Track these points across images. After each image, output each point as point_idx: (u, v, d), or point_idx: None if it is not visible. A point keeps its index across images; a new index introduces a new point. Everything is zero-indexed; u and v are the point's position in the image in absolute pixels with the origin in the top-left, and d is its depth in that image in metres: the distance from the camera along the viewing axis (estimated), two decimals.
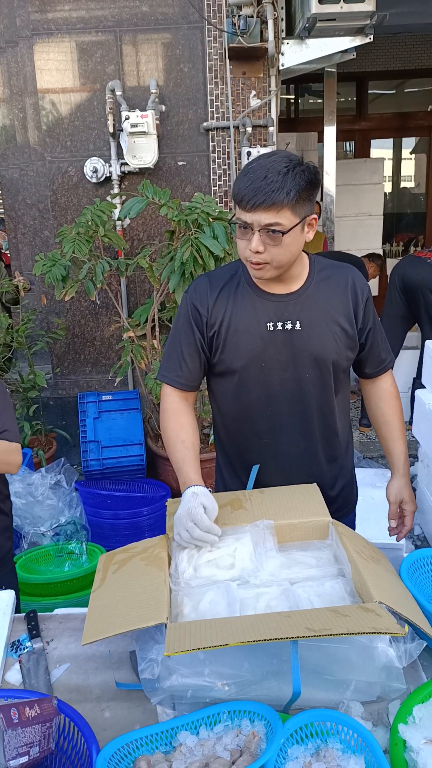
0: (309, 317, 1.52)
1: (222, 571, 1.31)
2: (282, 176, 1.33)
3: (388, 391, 1.74)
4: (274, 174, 1.33)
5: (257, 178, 1.34)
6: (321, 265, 1.57)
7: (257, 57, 3.67)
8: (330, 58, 3.99)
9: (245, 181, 1.36)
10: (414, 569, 1.38)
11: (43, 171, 3.93)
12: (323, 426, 1.62)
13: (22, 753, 0.92)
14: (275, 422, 1.59)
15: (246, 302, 1.52)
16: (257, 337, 1.52)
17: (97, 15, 3.74)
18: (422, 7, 4.55)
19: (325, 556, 1.38)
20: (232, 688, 1.05)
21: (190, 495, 1.40)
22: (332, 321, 1.53)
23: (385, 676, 1.07)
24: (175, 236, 3.23)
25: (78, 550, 2.86)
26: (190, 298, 1.58)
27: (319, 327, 1.52)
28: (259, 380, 1.55)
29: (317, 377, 1.55)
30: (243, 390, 1.58)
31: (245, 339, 1.52)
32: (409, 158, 8.42)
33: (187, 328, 1.56)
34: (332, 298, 1.54)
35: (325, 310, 1.53)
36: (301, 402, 1.57)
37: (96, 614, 1.19)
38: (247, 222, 1.38)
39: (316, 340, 1.52)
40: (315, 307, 1.52)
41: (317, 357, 1.53)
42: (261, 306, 1.52)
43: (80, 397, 3.87)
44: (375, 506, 3.03)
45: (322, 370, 1.55)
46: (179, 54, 3.78)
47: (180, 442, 1.55)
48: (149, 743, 1.01)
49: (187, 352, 1.57)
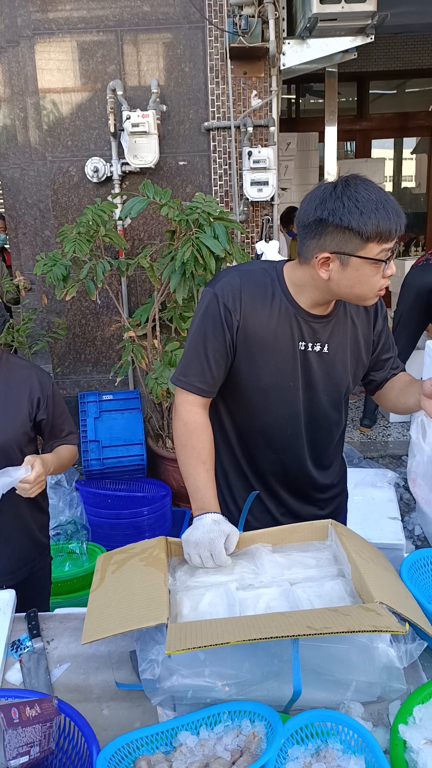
0: (336, 341, 1.49)
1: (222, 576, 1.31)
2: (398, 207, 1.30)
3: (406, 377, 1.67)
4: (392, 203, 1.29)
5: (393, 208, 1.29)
6: None
7: (258, 57, 3.67)
8: (331, 58, 3.99)
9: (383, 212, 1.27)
10: (414, 569, 1.38)
11: (44, 171, 3.93)
12: (328, 442, 1.61)
13: (22, 753, 0.92)
14: (293, 441, 1.55)
15: (282, 316, 1.43)
16: (289, 356, 1.45)
17: (98, 15, 3.74)
18: (423, 7, 4.55)
19: (324, 556, 1.38)
20: (233, 688, 1.05)
21: (210, 522, 1.34)
22: (355, 345, 1.52)
23: (385, 676, 1.07)
24: (175, 236, 3.23)
25: (78, 550, 2.87)
26: (220, 296, 1.42)
27: (343, 351, 1.50)
28: (287, 399, 1.49)
29: (333, 401, 1.54)
30: (267, 407, 1.50)
31: (278, 356, 1.45)
32: (410, 158, 8.43)
33: (217, 329, 1.42)
34: (357, 321, 1.52)
35: (351, 333, 1.51)
36: (314, 423, 1.55)
37: (95, 614, 1.19)
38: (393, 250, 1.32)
39: (340, 364, 1.50)
40: (341, 331, 1.50)
41: (337, 382, 1.52)
42: (296, 324, 1.44)
43: (81, 397, 3.87)
44: (375, 506, 3.04)
45: (339, 394, 1.54)
46: (180, 54, 3.78)
47: (201, 463, 1.45)
48: (149, 743, 1.01)
49: (214, 357, 1.43)
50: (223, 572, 1.32)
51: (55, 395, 1.75)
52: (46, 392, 1.70)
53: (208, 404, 1.52)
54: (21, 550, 1.75)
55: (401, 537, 2.80)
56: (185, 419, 1.47)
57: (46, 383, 1.71)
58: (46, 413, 1.70)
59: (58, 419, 1.76)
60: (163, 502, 3.31)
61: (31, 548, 1.78)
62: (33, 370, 1.72)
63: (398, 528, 2.86)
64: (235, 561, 1.36)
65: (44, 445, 1.76)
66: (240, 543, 1.41)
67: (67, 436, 1.81)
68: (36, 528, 1.79)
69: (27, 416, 1.66)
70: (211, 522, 1.34)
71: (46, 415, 1.70)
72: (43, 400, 1.69)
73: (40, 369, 1.76)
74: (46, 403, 1.69)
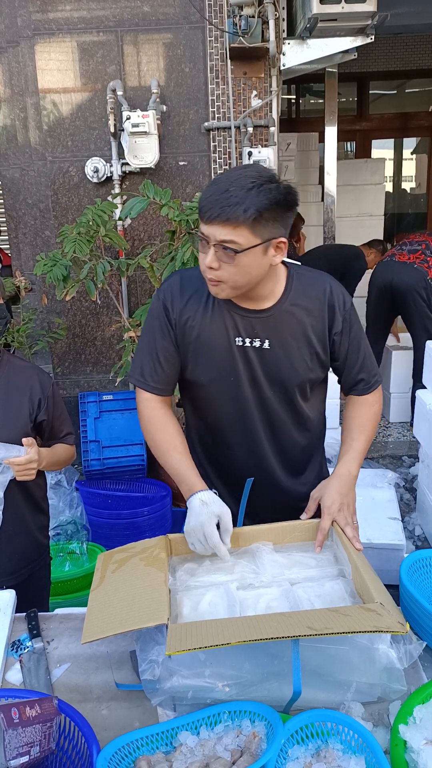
0: (279, 337, 1.45)
1: (222, 575, 1.31)
2: (244, 192, 1.24)
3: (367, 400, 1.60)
4: (237, 188, 1.24)
5: (219, 190, 1.26)
6: (300, 282, 1.48)
7: (258, 57, 3.67)
8: (331, 59, 3.99)
9: (208, 191, 1.28)
10: (414, 569, 1.38)
11: (44, 171, 3.93)
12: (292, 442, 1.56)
13: (22, 753, 0.92)
14: (246, 436, 1.54)
15: (216, 313, 1.45)
16: (226, 351, 1.46)
17: (98, 15, 3.74)
18: (423, 7, 4.55)
19: (325, 556, 1.38)
20: (233, 689, 1.05)
21: (198, 504, 1.36)
22: (304, 342, 1.47)
23: (386, 677, 1.07)
24: (175, 236, 3.23)
25: (78, 550, 2.87)
26: (162, 297, 1.49)
27: (290, 347, 1.46)
28: (229, 394, 1.50)
29: (281, 397, 1.50)
30: (212, 402, 1.53)
31: (214, 352, 1.46)
32: (410, 159, 8.42)
33: (162, 328, 1.48)
34: (306, 318, 1.46)
35: (297, 330, 1.46)
36: (268, 420, 1.52)
37: (95, 613, 1.19)
38: (205, 235, 1.30)
39: (286, 361, 1.46)
40: (287, 327, 1.45)
41: (283, 378, 1.48)
42: (231, 320, 1.44)
43: (81, 397, 3.87)
44: (375, 506, 3.04)
45: (288, 390, 1.50)
46: (180, 54, 3.78)
47: (173, 449, 1.50)
48: (150, 743, 1.01)
49: (163, 356, 1.49)
50: (223, 572, 1.32)
51: (56, 396, 1.75)
52: (46, 393, 1.70)
53: (168, 401, 1.57)
54: (21, 550, 1.75)
55: (401, 537, 2.80)
56: (147, 417, 1.55)
57: (46, 384, 1.71)
58: (46, 414, 1.71)
59: (57, 420, 1.77)
60: (164, 503, 3.30)
61: (30, 549, 1.78)
62: (34, 371, 1.73)
63: (398, 528, 2.86)
64: (235, 560, 1.36)
65: (42, 445, 1.77)
66: (240, 540, 1.41)
67: (65, 436, 1.82)
68: (36, 529, 1.79)
69: (27, 417, 1.67)
70: (200, 504, 1.36)
71: (46, 416, 1.71)
72: (44, 401, 1.69)
73: (41, 370, 1.76)
74: (46, 404, 1.70)
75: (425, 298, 4.09)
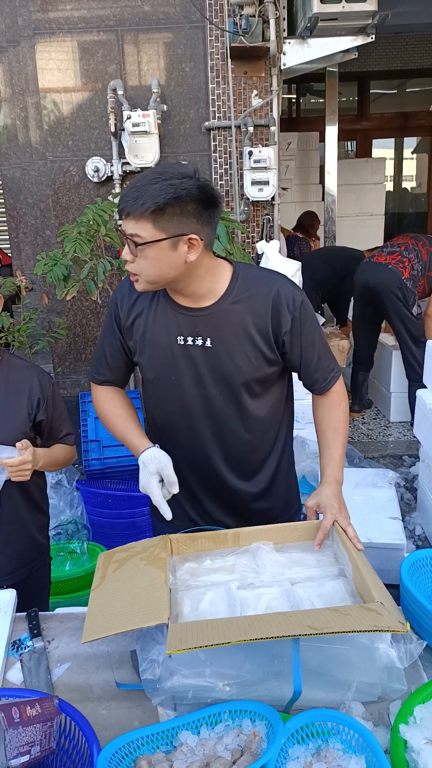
0: (220, 335, 1.44)
1: (222, 575, 1.31)
2: (145, 186, 1.27)
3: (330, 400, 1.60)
4: (142, 183, 1.28)
5: (130, 186, 1.30)
6: (246, 281, 1.46)
7: (259, 56, 3.67)
8: (331, 58, 3.99)
9: (127, 186, 1.34)
10: (414, 569, 1.38)
11: (44, 170, 3.93)
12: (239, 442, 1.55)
13: (23, 752, 0.92)
14: (191, 435, 1.54)
15: (160, 312, 1.48)
16: (168, 350, 1.48)
17: (98, 14, 3.74)
18: (423, 6, 4.55)
19: (325, 556, 1.38)
20: (233, 688, 1.05)
21: (141, 467, 1.44)
22: (247, 340, 1.45)
23: (386, 676, 1.07)
24: None
25: (79, 550, 2.87)
26: (114, 296, 1.56)
27: (232, 346, 1.45)
28: (173, 393, 1.52)
29: (227, 396, 1.49)
30: (159, 400, 1.56)
31: (157, 350, 1.49)
32: (411, 158, 8.42)
33: (112, 326, 1.56)
34: (249, 317, 1.44)
35: (239, 328, 1.44)
36: (213, 418, 1.52)
37: (96, 613, 1.19)
38: (121, 229, 1.35)
39: (227, 359, 1.45)
40: (228, 326, 1.44)
41: (227, 376, 1.47)
42: (173, 318, 1.46)
43: (81, 397, 3.87)
44: (375, 506, 3.03)
45: (233, 389, 1.49)
46: (181, 53, 3.78)
47: (117, 416, 1.59)
48: (150, 743, 1.02)
49: (110, 351, 1.59)
50: (224, 571, 1.32)
51: (55, 396, 1.75)
52: (46, 393, 1.70)
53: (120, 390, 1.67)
54: (19, 550, 1.75)
55: (402, 537, 2.79)
56: (95, 399, 1.66)
57: (46, 384, 1.71)
58: (45, 414, 1.70)
59: (56, 420, 1.77)
60: None
61: (30, 549, 1.78)
62: (34, 371, 1.73)
63: (399, 528, 2.86)
64: (236, 560, 1.36)
65: (42, 445, 1.77)
66: (241, 540, 1.41)
67: (65, 437, 1.81)
68: (35, 529, 1.79)
69: (26, 416, 1.67)
70: (141, 467, 1.44)
71: (45, 416, 1.71)
72: (43, 401, 1.69)
73: (40, 370, 1.76)
74: (46, 404, 1.70)
75: (401, 297, 4.09)
